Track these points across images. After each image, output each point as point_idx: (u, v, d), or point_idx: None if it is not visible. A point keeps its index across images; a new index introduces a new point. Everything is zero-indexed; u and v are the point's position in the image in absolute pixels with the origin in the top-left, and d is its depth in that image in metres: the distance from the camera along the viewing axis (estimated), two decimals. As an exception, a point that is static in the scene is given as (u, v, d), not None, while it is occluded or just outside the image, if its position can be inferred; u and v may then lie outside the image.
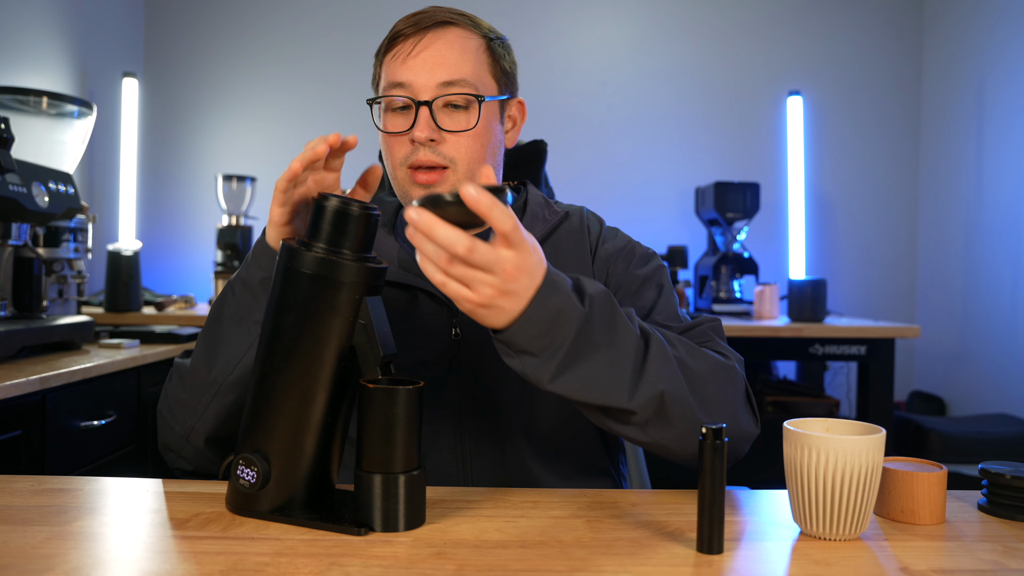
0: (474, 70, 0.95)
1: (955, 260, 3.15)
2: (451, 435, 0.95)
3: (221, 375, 0.86)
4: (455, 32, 0.96)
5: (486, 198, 0.65)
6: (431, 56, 0.94)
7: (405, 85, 0.94)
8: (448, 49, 0.94)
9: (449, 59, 0.94)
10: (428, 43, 0.94)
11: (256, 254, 0.86)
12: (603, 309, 0.76)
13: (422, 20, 0.95)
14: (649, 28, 3.34)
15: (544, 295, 0.72)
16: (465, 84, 0.94)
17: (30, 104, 1.96)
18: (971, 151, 3.07)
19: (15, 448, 1.39)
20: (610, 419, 0.79)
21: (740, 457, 0.87)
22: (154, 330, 1.99)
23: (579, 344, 0.74)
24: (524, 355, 0.74)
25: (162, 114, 3.27)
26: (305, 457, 0.72)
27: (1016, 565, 0.65)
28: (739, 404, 0.86)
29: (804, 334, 2.47)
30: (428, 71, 0.93)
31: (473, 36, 0.97)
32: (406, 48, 0.95)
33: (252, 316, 0.85)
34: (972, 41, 3.09)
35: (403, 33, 0.95)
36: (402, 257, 1.01)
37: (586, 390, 0.75)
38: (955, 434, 2.56)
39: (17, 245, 1.66)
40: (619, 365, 0.76)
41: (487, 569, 0.62)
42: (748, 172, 3.27)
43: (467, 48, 0.96)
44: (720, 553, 0.66)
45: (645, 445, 0.82)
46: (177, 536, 0.68)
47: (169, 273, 3.23)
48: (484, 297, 0.69)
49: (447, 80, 0.93)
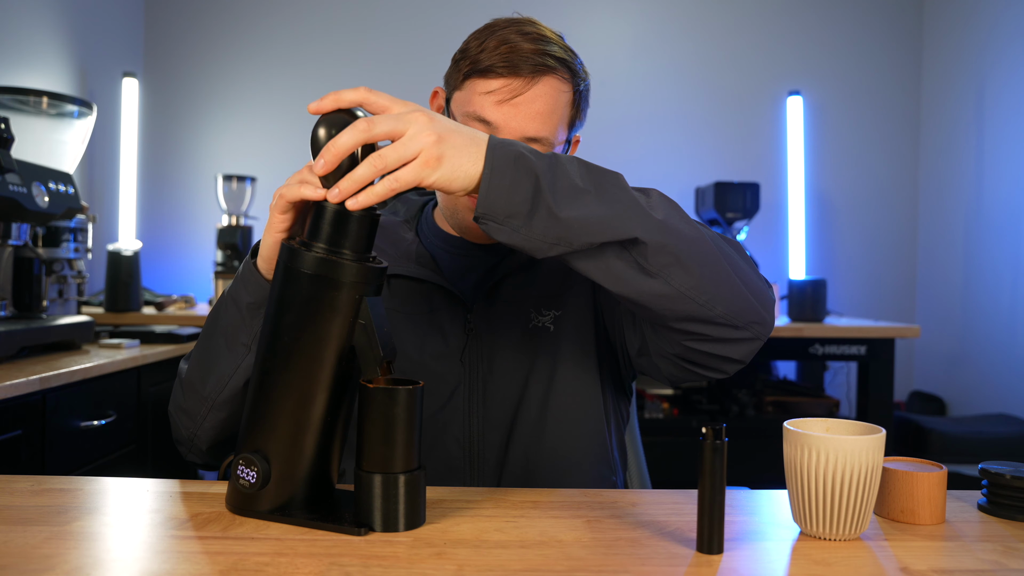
0: (557, 127, 0.95)
1: (955, 260, 3.15)
2: (460, 428, 0.97)
3: (213, 393, 0.87)
4: (552, 84, 0.94)
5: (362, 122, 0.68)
6: (525, 108, 0.93)
7: (491, 125, 0.93)
8: (543, 104, 0.93)
9: (541, 114, 0.93)
10: (526, 92, 0.92)
11: (244, 276, 0.85)
12: (572, 160, 0.76)
13: (522, 65, 0.92)
14: (649, 28, 3.34)
15: (496, 145, 0.72)
16: (545, 143, 0.94)
17: (30, 104, 1.96)
18: (971, 151, 3.07)
19: (15, 448, 1.39)
20: (630, 278, 0.76)
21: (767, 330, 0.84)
22: (154, 330, 1.99)
23: (561, 187, 0.72)
24: (511, 219, 0.71)
25: (162, 114, 3.27)
26: (305, 457, 0.72)
27: (1016, 565, 0.65)
28: (751, 267, 0.85)
29: (804, 334, 2.47)
30: (519, 121, 0.93)
31: (567, 88, 0.96)
32: (502, 92, 0.93)
33: (240, 338, 0.85)
34: (972, 41, 3.09)
35: (498, 71, 0.92)
36: (419, 252, 1.03)
37: (584, 230, 0.72)
38: (955, 434, 2.56)
39: (17, 245, 1.66)
40: (615, 200, 0.74)
41: (487, 569, 0.62)
42: (748, 172, 3.27)
43: (559, 104, 0.95)
44: (720, 553, 0.66)
45: (672, 306, 0.78)
46: (177, 536, 0.68)
47: (169, 273, 3.23)
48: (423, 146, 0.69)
49: (533, 136, 0.93)
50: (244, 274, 0.85)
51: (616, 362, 1.04)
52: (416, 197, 1.14)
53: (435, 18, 3.29)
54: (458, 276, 1.03)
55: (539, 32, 0.96)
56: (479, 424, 0.97)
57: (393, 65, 3.28)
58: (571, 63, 0.96)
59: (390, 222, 1.07)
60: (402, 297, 1.01)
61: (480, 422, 0.97)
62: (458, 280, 1.03)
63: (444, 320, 0.99)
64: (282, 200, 0.77)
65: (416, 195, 1.15)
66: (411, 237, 1.04)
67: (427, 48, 3.27)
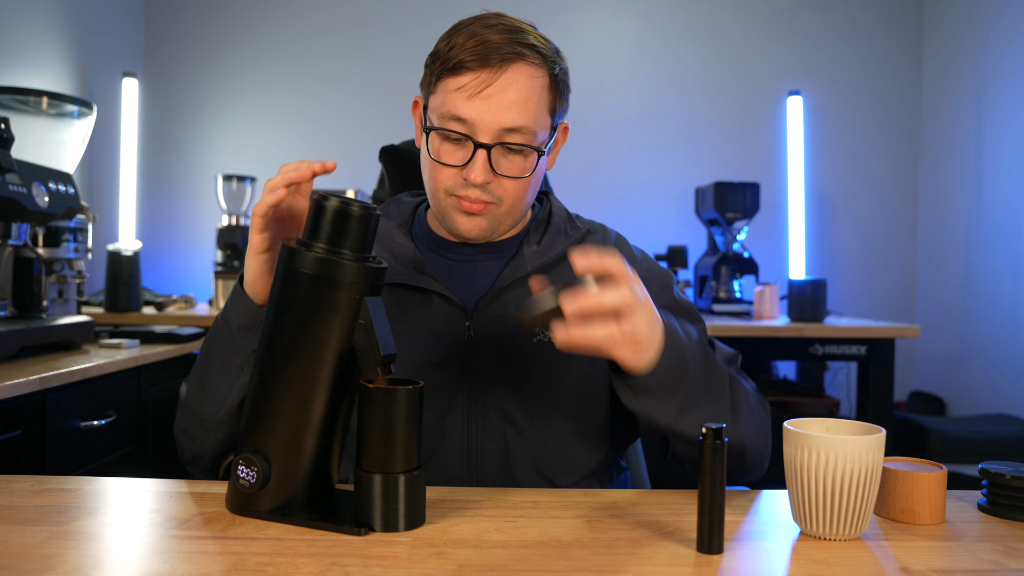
0: (536, 113, 0.93)
1: (955, 260, 3.15)
2: (458, 437, 0.96)
3: (210, 415, 0.89)
4: (523, 71, 0.92)
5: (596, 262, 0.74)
6: (497, 98, 0.90)
7: (467, 122, 0.91)
8: (515, 92, 0.91)
9: (515, 103, 0.91)
10: (495, 82, 0.90)
11: (233, 299, 0.88)
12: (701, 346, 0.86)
13: (491, 56, 0.90)
14: (649, 28, 3.34)
15: (671, 334, 0.80)
16: (526, 131, 0.92)
17: (30, 104, 1.96)
18: (971, 151, 3.07)
19: (15, 448, 1.39)
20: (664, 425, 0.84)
21: (762, 473, 0.95)
22: (154, 330, 1.99)
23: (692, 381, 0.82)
24: (645, 395, 0.80)
25: (162, 114, 3.27)
26: (305, 457, 0.72)
27: (1016, 565, 0.65)
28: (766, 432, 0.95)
29: (804, 334, 2.47)
30: (493, 114, 0.90)
31: (540, 73, 0.93)
32: (472, 85, 0.90)
33: (233, 360, 0.88)
34: (972, 41, 3.09)
35: (468, 66, 0.90)
36: (416, 258, 1.00)
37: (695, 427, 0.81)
38: (955, 434, 2.56)
39: (17, 245, 1.66)
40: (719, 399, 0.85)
41: (487, 569, 0.62)
42: (748, 172, 3.26)
43: (533, 90, 0.92)
44: (720, 553, 0.66)
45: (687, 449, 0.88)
46: (177, 536, 0.68)
47: (169, 273, 3.23)
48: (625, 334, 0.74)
49: (511, 127, 0.91)
50: (233, 297, 0.88)
51: None
52: (409, 199, 1.12)
53: (436, 18, 3.28)
54: (457, 283, 1.02)
55: (506, 23, 0.94)
56: (478, 434, 0.96)
57: (393, 65, 3.27)
58: (541, 48, 0.94)
59: (384, 226, 1.05)
60: (401, 304, 0.99)
61: (479, 432, 0.96)
62: (457, 287, 1.01)
63: (443, 328, 0.98)
64: (256, 219, 0.81)
65: (409, 196, 1.13)
66: (406, 242, 1.02)
67: (427, 48, 3.26)
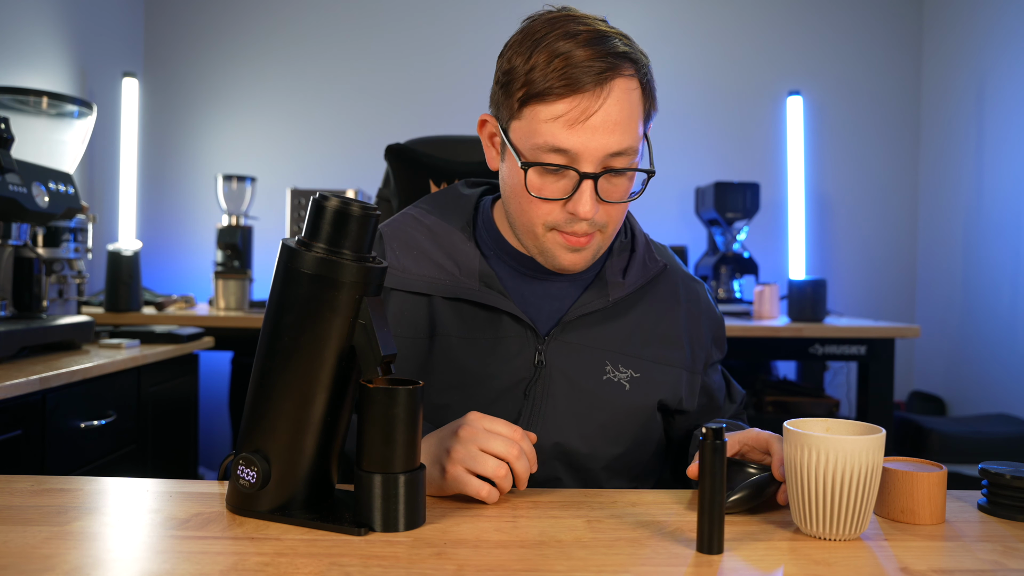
0: (637, 130, 0.86)
1: (955, 260, 3.15)
2: None
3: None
4: (620, 86, 0.83)
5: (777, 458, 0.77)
6: (600, 125, 0.82)
7: (568, 152, 0.83)
8: (617, 113, 0.83)
9: (619, 124, 0.83)
10: (596, 107, 0.82)
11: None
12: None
13: (583, 78, 0.81)
14: (649, 28, 3.34)
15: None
16: (631, 152, 0.85)
17: (30, 104, 1.96)
18: (971, 151, 3.07)
19: (15, 448, 1.39)
20: None
21: None
22: (154, 330, 1.99)
23: None
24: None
25: (162, 114, 3.26)
26: (305, 457, 0.72)
27: (1016, 565, 0.65)
28: None
29: (804, 334, 2.47)
30: (598, 141, 0.83)
31: (634, 84, 0.86)
32: (572, 114, 0.82)
33: None
34: (972, 41, 3.09)
35: (559, 92, 0.81)
36: (484, 271, 0.94)
37: None
38: (955, 434, 2.56)
39: (17, 245, 1.66)
40: None
41: (487, 569, 0.62)
42: (748, 172, 3.26)
43: (632, 104, 0.85)
44: (720, 553, 0.66)
45: None
46: (177, 536, 0.68)
47: (169, 273, 3.23)
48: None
49: (616, 151, 0.84)
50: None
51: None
52: (467, 191, 1.01)
53: (436, 18, 3.29)
54: (530, 303, 0.95)
55: (587, 29, 0.84)
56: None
57: (394, 65, 3.27)
58: (631, 53, 0.85)
59: (442, 228, 0.96)
60: (466, 320, 0.93)
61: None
62: (530, 308, 0.95)
63: (512, 349, 0.92)
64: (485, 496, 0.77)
65: (467, 188, 1.03)
66: (472, 251, 0.95)
67: (428, 48, 3.27)
